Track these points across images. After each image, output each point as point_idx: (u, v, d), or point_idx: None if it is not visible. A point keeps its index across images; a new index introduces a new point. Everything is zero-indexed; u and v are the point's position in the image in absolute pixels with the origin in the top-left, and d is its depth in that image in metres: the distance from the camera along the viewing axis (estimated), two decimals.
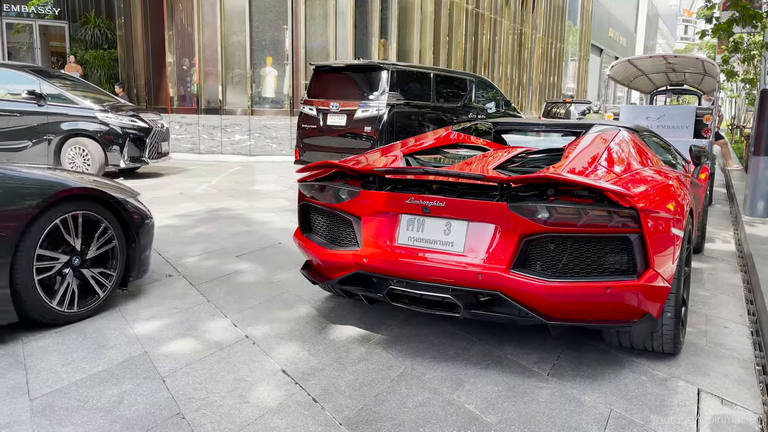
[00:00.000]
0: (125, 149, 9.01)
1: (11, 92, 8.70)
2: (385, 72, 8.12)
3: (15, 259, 3.07)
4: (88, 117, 8.85)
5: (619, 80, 9.88)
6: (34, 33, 18.80)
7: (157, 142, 9.67)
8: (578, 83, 34.42)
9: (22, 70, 8.93)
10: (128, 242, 3.74)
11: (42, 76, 8.91)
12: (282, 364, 2.94)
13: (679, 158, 4.84)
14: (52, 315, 3.27)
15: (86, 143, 8.80)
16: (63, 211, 3.32)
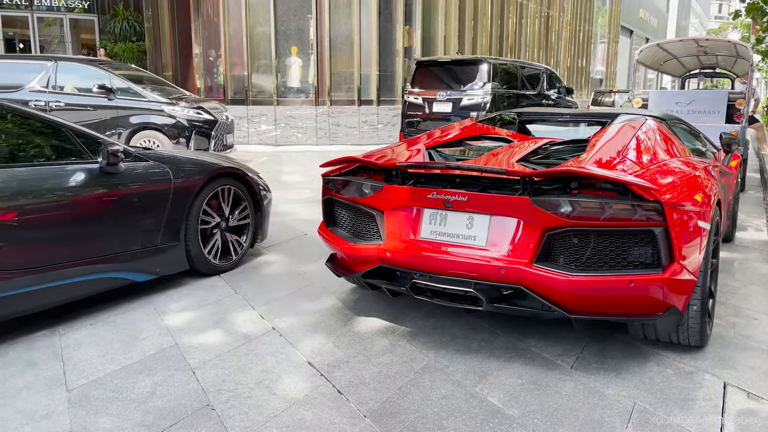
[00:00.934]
0: (192, 142, 8.93)
1: (82, 87, 8.78)
2: (486, 65, 9.80)
3: (187, 221, 4.00)
4: (155, 110, 8.81)
5: (648, 65, 9.68)
6: (65, 26, 19.15)
7: (223, 134, 9.53)
8: (607, 66, 33.78)
9: (91, 64, 9.00)
10: (255, 211, 4.58)
11: (110, 69, 8.97)
12: (308, 356, 3.00)
13: (708, 146, 4.76)
14: (209, 266, 4.21)
15: (155, 136, 8.73)
16: (217, 185, 4.24)
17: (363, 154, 3.53)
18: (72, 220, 3.33)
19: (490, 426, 2.39)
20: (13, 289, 3.05)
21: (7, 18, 18.45)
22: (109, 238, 3.53)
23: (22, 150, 3.41)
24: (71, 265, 3.31)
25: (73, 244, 3.33)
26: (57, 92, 8.61)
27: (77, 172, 3.44)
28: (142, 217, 3.72)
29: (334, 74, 14.06)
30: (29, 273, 3.11)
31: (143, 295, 3.85)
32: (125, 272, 3.68)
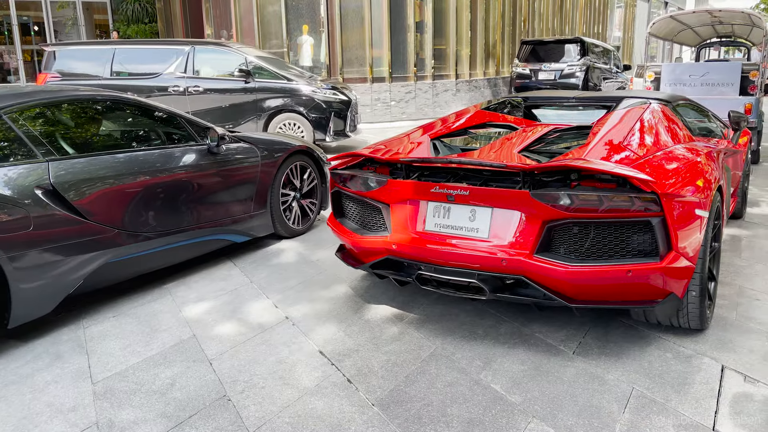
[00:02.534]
0: (330, 123, 8.84)
1: (219, 71, 8.92)
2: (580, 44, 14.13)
3: (271, 192, 4.77)
4: (294, 92, 8.82)
5: (662, 36, 9.54)
6: (78, 9, 19.24)
7: (355, 115, 9.45)
8: (624, 32, 33.12)
9: (226, 48, 9.03)
10: (321, 182, 5.35)
11: (246, 53, 9.00)
12: (319, 345, 3.13)
13: (717, 124, 4.75)
14: (288, 229, 4.99)
15: (295, 119, 8.76)
16: (292, 162, 4.97)
17: (370, 147, 3.61)
18: (189, 191, 4.10)
19: (492, 413, 2.51)
20: (152, 248, 3.85)
21: (21, 2, 18.58)
22: (217, 206, 4.31)
23: (151, 136, 4.23)
24: (191, 228, 4.12)
25: (191, 212, 4.12)
26: (195, 77, 8.78)
27: (191, 152, 4.22)
28: (239, 188, 4.49)
29: (346, 52, 14.02)
30: (162, 235, 3.90)
31: (163, 285, 4.01)
32: (229, 234, 4.47)
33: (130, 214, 3.69)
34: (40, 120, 3.58)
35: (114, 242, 3.58)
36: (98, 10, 19.98)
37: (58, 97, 3.76)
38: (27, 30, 19.12)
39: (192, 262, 4.45)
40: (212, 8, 14.41)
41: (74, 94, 3.88)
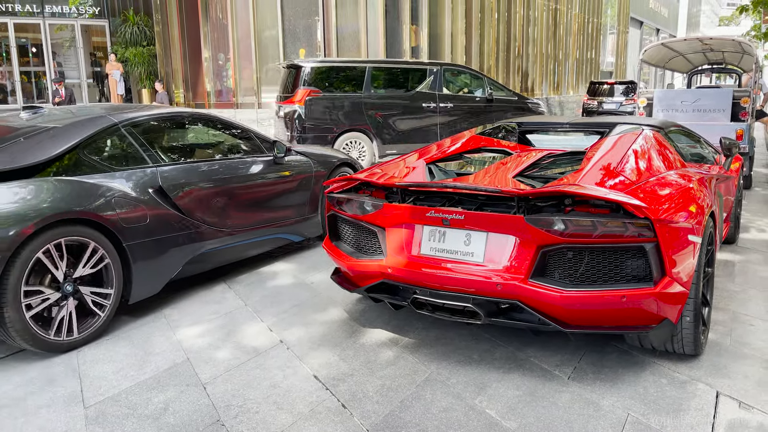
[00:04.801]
0: None
1: (462, 88, 10.18)
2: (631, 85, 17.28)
3: (321, 197, 5.35)
4: (516, 102, 10.62)
5: (654, 63, 9.68)
6: (76, 31, 19.41)
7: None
8: (617, 57, 33.58)
9: (466, 68, 10.79)
10: None
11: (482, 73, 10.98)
12: (314, 369, 3.12)
13: (709, 150, 4.81)
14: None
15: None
16: (338, 172, 5.65)
17: (366, 170, 3.64)
18: (259, 195, 4.73)
19: None
20: (230, 243, 4.47)
21: (20, 24, 18.74)
22: (280, 209, 4.94)
23: (230, 148, 4.94)
24: (260, 227, 4.74)
25: (260, 213, 4.74)
26: (443, 94, 9.91)
27: (260, 163, 4.89)
28: (297, 194, 5.11)
29: None
30: (238, 233, 4.53)
31: (157, 307, 3.99)
32: (289, 234, 5.06)
33: (216, 213, 4.35)
34: (148, 133, 4.26)
35: (204, 236, 4.24)
36: (96, 32, 20.15)
37: (161, 114, 4.50)
38: (25, 52, 19.25)
39: (185, 285, 4.44)
40: (210, 32, 14.56)
41: (172, 112, 4.65)
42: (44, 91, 19.22)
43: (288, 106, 8.92)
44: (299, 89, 8.85)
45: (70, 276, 3.38)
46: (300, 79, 8.87)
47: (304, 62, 9.10)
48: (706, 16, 66.14)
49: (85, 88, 19.68)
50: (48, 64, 18.87)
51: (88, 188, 3.55)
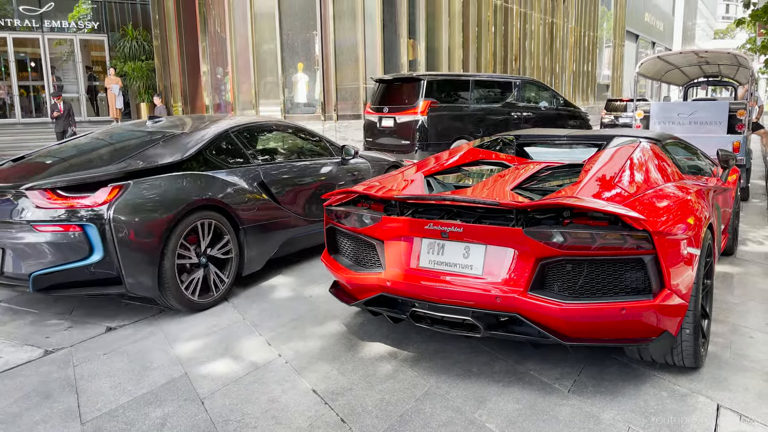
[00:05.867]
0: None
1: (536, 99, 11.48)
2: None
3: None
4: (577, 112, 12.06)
5: (650, 76, 9.74)
6: (75, 46, 19.50)
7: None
8: (613, 70, 33.80)
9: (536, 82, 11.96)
10: None
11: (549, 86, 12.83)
12: (312, 383, 3.10)
13: (706, 162, 4.83)
14: None
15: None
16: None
17: (364, 183, 3.64)
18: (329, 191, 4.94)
19: None
20: (309, 230, 5.22)
21: (19, 39, 18.82)
22: None
23: (304, 152, 5.70)
24: None
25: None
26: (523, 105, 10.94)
27: (331, 164, 5.72)
28: None
29: (340, 89, 14.23)
30: (313, 222, 5.23)
31: (154, 321, 3.98)
32: None
33: (300, 204, 5.12)
34: (249, 138, 5.14)
35: (293, 223, 5.02)
36: (95, 47, 20.25)
37: (256, 122, 5.40)
38: (24, 66, 19.33)
39: None
40: (209, 46, 14.64)
41: (264, 121, 5.61)
42: (43, 105, 19.28)
43: (409, 116, 9.48)
44: (421, 101, 9.41)
45: (204, 250, 4.23)
46: (420, 92, 9.46)
47: (422, 75, 9.75)
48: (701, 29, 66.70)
49: (83, 102, 19.74)
50: (47, 79, 18.93)
51: (216, 181, 4.45)
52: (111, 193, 3.82)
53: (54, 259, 3.75)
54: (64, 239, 3.72)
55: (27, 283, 3.78)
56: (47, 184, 3.79)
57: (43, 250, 3.74)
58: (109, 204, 3.77)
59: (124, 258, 3.78)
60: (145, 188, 3.97)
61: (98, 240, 3.74)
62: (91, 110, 20.11)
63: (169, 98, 15.76)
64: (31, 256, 3.76)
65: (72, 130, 14.20)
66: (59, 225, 3.72)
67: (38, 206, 3.74)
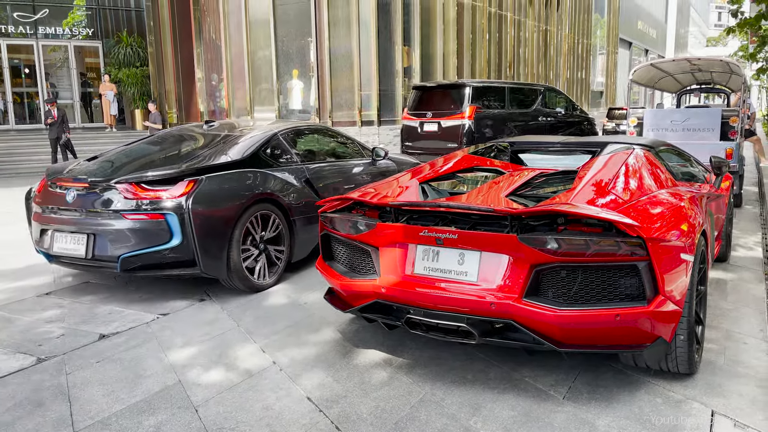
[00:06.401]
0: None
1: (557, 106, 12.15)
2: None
3: None
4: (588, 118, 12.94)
5: (643, 83, 9.80)
6: (69, 52, 19.46)
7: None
8: (607, 77, 33.97)
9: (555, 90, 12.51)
10: None
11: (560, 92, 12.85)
12: (307, 390, 3.09)
13: (699, 169, 4.85)
14: None
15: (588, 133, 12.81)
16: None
17: (359, 190, 3.64)
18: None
19: None
20: None
21: (13, 46, 18.78)
22: None
23: (340, 153, 6.29)
24: None
25: None
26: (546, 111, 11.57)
27: (362, 165, 6.30)
28: None
29: (335, 96, 14.25)
30: None
31: (148, 328, 3.96)
32: None
33: None
34: (294, 140, 5.70)
35: None
36: (90, 53, 20.22)
37: (298, 126, 5.98)
38: (17, 72, 19.27)
39: (178, 305, 4.41)
40: (204, 53, 14.64)
41: (305, 125, 6.29)
42: (36, 111, 19.22)
43: (455, 120, 10.05)
44: (467, 106, 9.95)
45: (262, 238, 4.80)
46: (466, 98, 10.09)
47: (468, 82, 10.33)
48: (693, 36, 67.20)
49: (77, 108, 19.69)
50: (41, 85, 18.88)
51: (271, 177, 5.05)
52: (188, 187, 4.41)
53: (139, 243, 4.32)
54: (149, 226, 4.32)
55: (115, 264, 4.36)
56: (134, 179, 4.42)
57: (130, 235, 4.33)
58: (187, 196, 4.35)
59: (199, 243, 4.33)
60: (216, 183, 4.58)
61: (177, 227, 4.31)
62: (85, 117, 20.06)
63: (164, 105, 15.74)
64: (119, 240, 4.34)
65: (65, 137, 14.17)
66: (144, 214, 4.33)
67: (126, 197, 4.35)
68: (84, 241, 4.43)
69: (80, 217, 4.48)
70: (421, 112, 10.55)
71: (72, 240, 4.50)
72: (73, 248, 4.48)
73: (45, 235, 4.70)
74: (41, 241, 4.77)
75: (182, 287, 4.90)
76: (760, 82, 24.55)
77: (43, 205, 4.72)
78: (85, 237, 4.43)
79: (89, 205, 4.47)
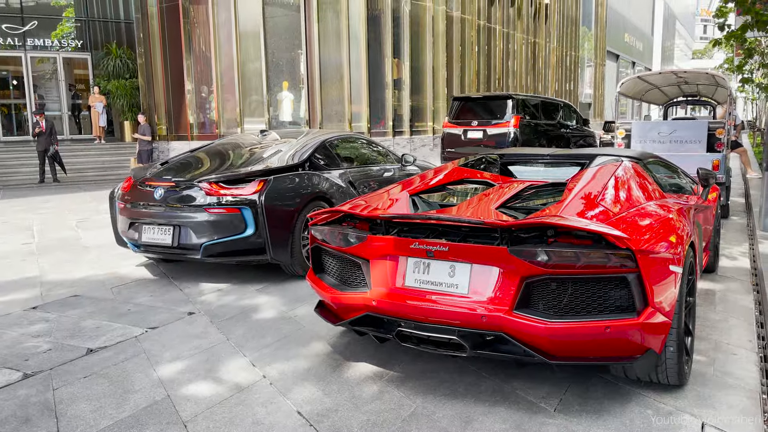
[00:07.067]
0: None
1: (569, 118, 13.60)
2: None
3: None
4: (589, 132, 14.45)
5: (630, 95, 9.91)
6: (58, 64, 19.39)
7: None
8: (595, 89, 34.30)
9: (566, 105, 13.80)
10: None
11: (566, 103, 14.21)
12: (298, 404, 3.07)
13: (687, 181, 4.89)
14: None
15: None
16: None
17: (349, 202, 3.64)
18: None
19: None
20: None
21: (0, 57, 18.68)
22: None
23: (374, 159, 7.17)
24: None
25: None
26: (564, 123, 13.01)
27: (393, 169, 7.10)
28: None
29: (325, 107, 14.28)
30: None
31: (136, 342, 3.92)
32: None
33: None
34: (336, 147, 6.53)
35: None
36: (79, 65, 20.15)
37: (340, 135, 6.80)
38: (5, 84, 19.17)
39: (167, 319, 4.37)
40: (193, 64, 14.63)
41: (345, 134, 7.11)
42: (24, 123, 19.10)
43: (501, 128, 11.25)
44: (512, 115, 11.20)
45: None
46: (510, 108, 11.32)
47: (512, 95, 11.61)
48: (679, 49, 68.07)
49: (66, 120, 19.59)
50: (29, 97, 18.79)
51: (323, 179, 5.87)
52: (259, 186, 5.18)
53: (219, 232, 5.09)
54: (227, 218, 5.09)
55: (197, 251, 5.12)
56: (214, 179, 5.23)
57: (211, 226, 5.09)
58: (259, 193, 5.12)
59: (270, 233, 5.05)
60: (281, 182, 5.37)
61: (251, 219, 5.07)
62: (74, 128, 19.95)
63: (153, 116, 15.69)
64: (201, 230, 5.10)
65: (54, 149, 14.09)
66: (223, 208, 5.11)
67: (208, 194, 5.13)
68: (170, 231, 5.20)
69: (167, 212, 5.24)
70: (464, 120, 11.64)
71: (159, 231, 5.26)
72: (160, 238, 5.24)
73: (133, 227, 5.45)
74: (129, 233, 5.49)
75: (170, 300, 4.86)
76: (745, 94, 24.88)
77: (133, 201, 5.47)
78: (171, 228, 5.20)
79: (175, 201, 5.24)
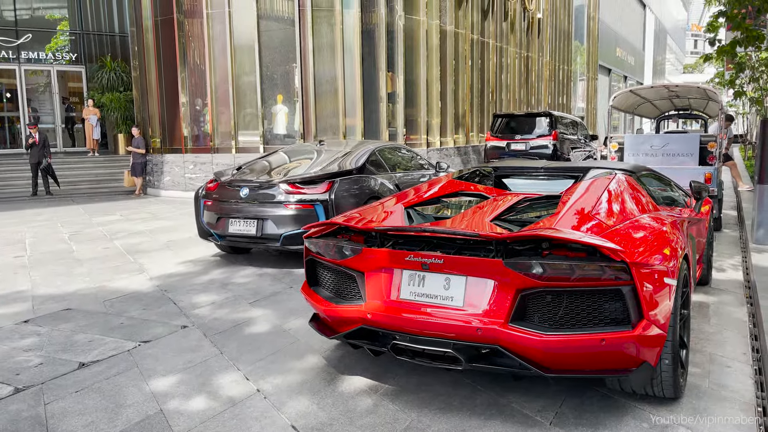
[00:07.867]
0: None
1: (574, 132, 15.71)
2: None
3: None
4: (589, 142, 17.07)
5: (623, 109, 9.99)
6: (52, 77, 19.38)
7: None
8: (588, 103, 34.53)
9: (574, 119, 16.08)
10: None
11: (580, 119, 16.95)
12: (292, 419, 3.04)
13: (680, 193, 4.92)
14: None
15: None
16: None
17: (344, 215, 3.64)
18: None
19: None
20: None
21: None
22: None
23: (412, 166, 8.21)
24: None
25: None
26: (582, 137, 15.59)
27: (429, 175, 8.05)
28: None
29: (320, 120, 14.30)
30: None
31: (129, 356, 3.88)
32: None
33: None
34: (383, 154, 7.54)
35: None
36: (73, 78, 20.14)
37: (385, 145, 7.97)
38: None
39: (160, 332, 4.34)
40: (188, 77, 14.64)
41: (389, 144, 8.19)
42: (18, 136, 19.04)
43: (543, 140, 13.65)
44: (552, 130, 13.78)
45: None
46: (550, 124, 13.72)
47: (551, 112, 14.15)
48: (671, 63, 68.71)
49: (59, 132, 19.54)
50: (22, 110, 18.75)
51: (376, 182, 6.89)
52: (328, 186, 6.28)
53: (296, 224, 6.08)
54: (303, 213, 6.13)
55: (278, 241, 6.15)
56: (291, 180, 6.30)
57: (290, 220, 6.12)
58: (329, 192, 6.23)
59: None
60: (345, 184, 6.45)
61: (322, 213, 6.13)
62: (67, 141, 19.91)
63: (147, 129, 15.66)
64: (281, 223, 6.13)
65: (46, 162, 14.06)
66: (300, 204, 6.19)
67: (287, 192, 6.20)
68: (254, 224, 6.22)
69: (251, 207, 6.26)
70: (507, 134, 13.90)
71: (245, 224, 6.28)
72: (245, 229, 6.25)
73: (220, 221, 6.44)
74: (216, 226, 6.47)
75: (164, 314, 4.83)
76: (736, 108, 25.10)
77: (221, 198, 6.50)
78: (255, 221, 6.22)
79: (259, 198, 6.27)
